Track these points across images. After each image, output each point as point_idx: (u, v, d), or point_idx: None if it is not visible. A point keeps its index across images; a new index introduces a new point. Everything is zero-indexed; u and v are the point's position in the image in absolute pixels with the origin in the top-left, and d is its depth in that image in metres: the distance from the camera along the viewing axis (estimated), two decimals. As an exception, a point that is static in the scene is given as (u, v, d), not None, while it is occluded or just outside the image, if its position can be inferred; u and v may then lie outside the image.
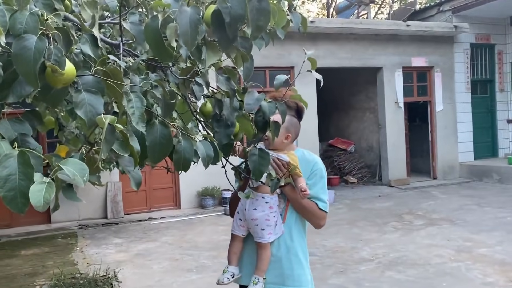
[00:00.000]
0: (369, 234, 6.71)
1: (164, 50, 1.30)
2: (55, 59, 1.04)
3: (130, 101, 1.20)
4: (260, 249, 2.11)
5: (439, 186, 10.71)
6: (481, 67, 12.00)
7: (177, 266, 5.57)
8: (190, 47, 1.22)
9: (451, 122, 11.47)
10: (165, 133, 1.35)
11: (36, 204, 0.91)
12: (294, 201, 2.14)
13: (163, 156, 1.36)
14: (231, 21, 1.21)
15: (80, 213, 8.39)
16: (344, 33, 10.34)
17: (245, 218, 2.14)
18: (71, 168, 0.99)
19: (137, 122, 1.19)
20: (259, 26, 1.27)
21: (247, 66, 1.61)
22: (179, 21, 1.20)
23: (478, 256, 5.44)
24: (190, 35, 1.20)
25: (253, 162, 1.89)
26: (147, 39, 1.30)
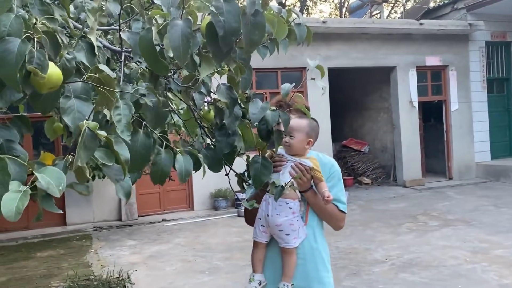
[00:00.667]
0: (383, 235, 6.65)
1: (159, 63, 1.30)
2: (37, 63, 1.02)
3: (117, 108, 1.19)
4: (286, 254, 2.09)
5: (455, 186, 10.56)
6: (497, 65, 11.79)
7: (189, 267, 5.60)
8: (182, 62, 1.22)
9: (466, 122, 11.30)
10: (146, 143, 1.34)
11: (7, 214, 0.88)
12: (315, 205, 2.13)
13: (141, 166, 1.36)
14: (225, 35, 1.21)
15: (94, 215, 8.49)
16: (356, 33, 10.27)
17: (268, 224, 2.10)
18: (48, 176, 0.97)
19: (122, 130, 1.17)
20: (253, 41, 1.27)
21: (245, 77, 1.60)
22: (170, 36, 1.19)
23: (495, 257, 5.35)
24: (182, 49, 1.20)
25: (254, 169, 1.89)
26: (141, 51, 1.30)
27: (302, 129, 2.10)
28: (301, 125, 2.11)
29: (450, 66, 11.14)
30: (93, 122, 1.13)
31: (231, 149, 1.86)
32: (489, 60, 11.63)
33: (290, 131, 2.08)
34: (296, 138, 2.10)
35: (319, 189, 2.07)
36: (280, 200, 2.08)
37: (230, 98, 1.74)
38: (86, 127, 1.10)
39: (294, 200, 2.09)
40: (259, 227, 2.14)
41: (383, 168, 11.94)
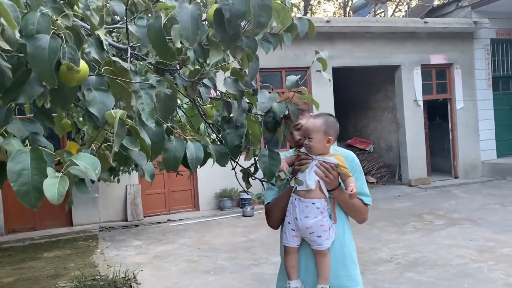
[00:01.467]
0: (389, 234, 6.63)
1: (167, 49, 1.31)
2: (69, 57, 1.06)
3: (140, 97, 1.23)
4: (319, 256, 2.05)
5: (461, 185, 10.51)
6: (503, 63, 11.73)
7: (194, 267, 5.61)
8: (192, 43, 1.23)
9: (472, 120, 11.24)
10: (158, 132, 1.35)
11: (51, 198, 0.92)
12: (343, 202, 2.11)
13: (155, 155, 1.37)
14: (231, 17, 1.22)
15: (101, 216, 8.52)
16: (360, 32, 10.25)
17: (298, 227, 2.06)
18: (83, 162, 1.01)
19: (147, 118, 1.21)
20: (260, 22, 1.27)
21: (253, 66, 1.61)
22: (180, 17, 1.21)
23: (501, 256, 5.31)
24: (192, 30, 1.21)
25: (263, 163, 1.89)
26: (150, 39, 1.32)
27: (319, 129, 2.06)
28: (317, 125, 2.08)
29: (455, 64, 11.10)
30: (122, 111, 1.16)
31: (240, 141, 1.86)
32: (495, 58, 11.57)
33: (308, 133, 2.07)
34: (315, 139, 2.06)
35: (346, 185, 2.05)
36: (306, 201, 2.06)
37: (238, 91, 1.75)
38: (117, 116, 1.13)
39: (320, 200, 2.06)
40: (289, 231, 2.09)
41: (388, 167, 11.90)
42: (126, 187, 8.54)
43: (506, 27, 11.48)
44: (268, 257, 5.85)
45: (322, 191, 2.06)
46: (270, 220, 2.26)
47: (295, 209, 2.08)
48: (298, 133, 2.18)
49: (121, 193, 8.56)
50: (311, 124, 2.09)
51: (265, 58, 9.40)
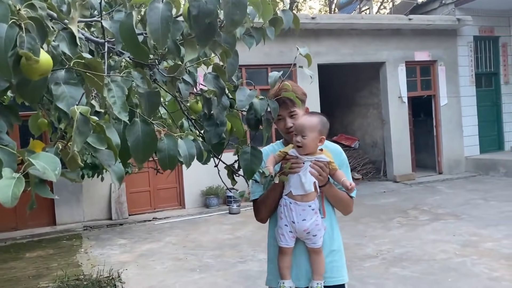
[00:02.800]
0: (374, 230, 6.66)
1: (140, 48, 1.27)
2: (28, 47, 1.01)
3: (110, 91, 1.17)
4: (315, 254, 2.08)
5: (445, 180, 10.62)
6: (485, 60, 11.88)
7: (180, 266, 5.56)
8: (162, 45, 1.19)
9: (456, 116, 11.36)
10: (148, 131, 1.31)
11: (4, 200, 0.88)
12: (331, 196, 2.13)
13: (148, 155, 1.33)
14: (198, 15, 1.19)
15: (85, 214, 8.41)
16: (346, 29, 10.27)
17: (295, 230, 2.07)
18: (42, 162, 0.96)
19: (119, 111, 1.16)
20: (234, 21, 1.24)
21: (231, 62, 1.57)
22: (149, 18, 1.17)
23: (484, 250, 5.38)
24: (161, 32, 1.17)
25: (244, 160, 1.86)
26: (122, 37, 1.27)
27: (315, 128, 2.02)
28: (313, 123, 2.03)
29: (439, 61, 11.20)
30: (85, 107, 1.11)
31: (219, 140, 1.83)
32: (477, 55, 11.71)
33: (302, 131, 2.02)
34: (309, 137, 2.01)
35: (337, 179, 2.07)
36: (303, 205, 2.06)
37: (218, 87, 1.71)
38: (78, 112, 1.08)
39: (314, 200, 2.07)
40: (287, 233, 2.08)
41: (374, 163, 11.97)
42: (111, 185, 8.44)
43: (488, 24, 11.62)
44: (254, 254, 5.83)
45: (316, 191, 2.06)
46: (258, 216, 2.26)
47: (292, 212, 2.06)
48: (291, 120, 2.13)
49: (106, 191, 8.46)
50: (307, 122, 2.04)
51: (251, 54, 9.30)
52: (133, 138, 1.28)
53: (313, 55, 10.96)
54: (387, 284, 4.56)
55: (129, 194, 8.69)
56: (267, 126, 1.87)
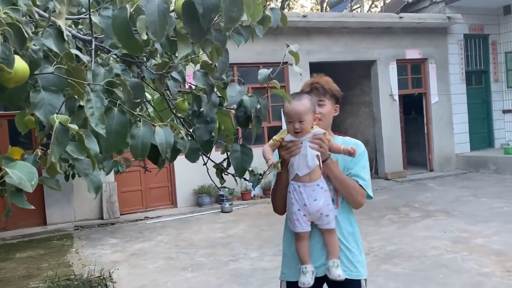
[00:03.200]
0: (366, 227, 6.68)
1: (133, 42, 1.25)
2: (2, 57, 0.99)
3: (89, 101, 1.15)
4: (329, 234, 2.08)
5: (436, 178, 10.69)
6: (475, 58, 11.96)
7: (172, 265, 5.54)
8: (159, 38, 1.17)
9: (446, 114, 11.44)
10: (122, 120, 1.27)
11: None
12: (335, 177, 2.11)
13: (118, 145, 1.30)
14: (204, 12, 1.17)
15: (76, 214, 8.35)
16: (337, 27, 10.29)
17: (308, 212, 2.06)
18: (18, 171, 0.94)
19: (96, 123, 1.13)
20: (232, 18, 1.23)
21: (222, 59, 1.56)
22: (146, 10, 1.15)
23: (475, 246, 5.42)
24: (159, 24, 1.15)
25: (235, 159, 1.85)
26: (114, 31, 1.25)
27: (309, 110, 2.05)
28: (307, 107, 2.05)
29: (429, 59, 11.26)
30: (65, 116, 1.09)
31: (210, 137, 1.82)
32: (468, 53, 11.80)
33: (299, 117, 2.03)
34: (307, 121, 2.04)
35: (337, 149, 2.07)
36: (312, 185, 2.07)
37: (207, 85, 1.70)
38: (57, 121, 1.06)
39: (321, 178, 2.08)
40: (302, 217, 2.08)
41: (366, 161, 12.00)
42: (102, 184, 8.38)
43: (478, 23, 11.70)
44: (246, 252, 5.83)
45: (320, 167, 2.07)
46: (275, 208, 2.28)
47: (302, 195, 2.07)
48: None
49: (97, 191, 8.40)
50: (301, 107, 2.05)
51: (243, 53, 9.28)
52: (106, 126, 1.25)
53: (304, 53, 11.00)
54: (378, 281, 4.58)
55: (121, 194, 8.64)
56: (257, 124, 1.86)
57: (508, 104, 11.98)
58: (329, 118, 2.27)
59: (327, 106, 2.24)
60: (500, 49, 12.02)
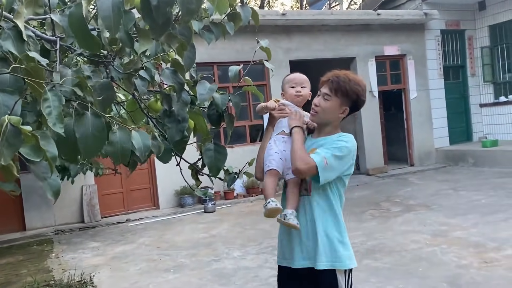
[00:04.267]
0: (347, 223, 6.60)
1: (90, 39, 1.23)
2: None
3: (46, 100, 1.12)
4: (293, 185, 2.19)
5: (416, 172, 10.83)
6: (453, 53, 12.15)
7: (154, 266, 5.49)
8: (114, 33, 1.15)
9: (425, 109, 11.59)
10: (98, 124, 1.25)
11: None
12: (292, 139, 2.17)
13: (97, 149, 1.27)
14: (159, 4, 1.16)
15: (56, 218, 8.22)
16: (316, 25, 10.33)
17: (285, 158, 2.21)
18: None
19: (54, 123, 1.10)
20: (190, 9, 1.22)
21: (188, 55, 1.54)
22: (100, 5, 1.13)
23: (453, 239, 5.50)
24: (113, 19, 1.13)
25: (208, 158, 1.84)
26: (71, 28, 1.22)
27: (308, 82, 2.39)
28: (307, 79, 2.40)
29: (408, 55, 11.39)
30: (16, 117, 1.05)
31: (182, 136, 1.79)
32: (445, 48, 11.97)
33: (302, 82, 2.37)
34: (307, 89, 2.37)
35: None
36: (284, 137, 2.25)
37: (177, 83, 1.67)
38: (7, 122, 1.02)
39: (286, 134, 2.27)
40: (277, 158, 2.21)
41: (347, 157, 12.08)
42: (82, 187, 8.27)
43: (454, 18, 11.88)
44: (229, 252, 5.81)
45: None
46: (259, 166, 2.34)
47: (284, 144, 2.24)
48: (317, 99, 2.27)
49: (77, 194, 8.28)
50: (304, 77, 2.42)
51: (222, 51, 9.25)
52: (81, 131, 1.22)
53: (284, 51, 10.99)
54: (360, 276, 4.60)
55: (101, 196, 8.53)
56: (229, 122, 1.85)
57: (485, 98, 12.21)
58: (329, 115, 2.16)
59: (330, 102, 2.14)
60: (476, 44, 12.22)
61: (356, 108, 2.20)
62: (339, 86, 2.12)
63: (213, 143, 1.86)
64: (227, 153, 1.85)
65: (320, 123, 2.21)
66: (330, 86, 2.15)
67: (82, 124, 1.22)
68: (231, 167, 1.96)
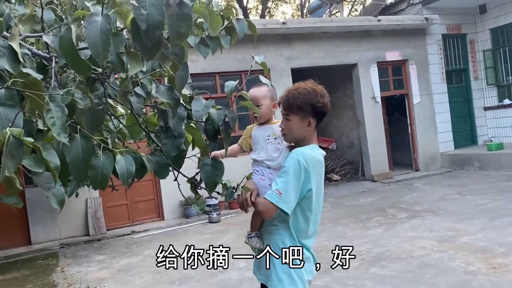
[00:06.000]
0: (353, 231, 6.69)
1: (80, 62, 1.23)
2: None
3: (49, 111, 1.13)
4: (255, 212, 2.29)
5: (422, 177, 10.77)
6: (455, 57, 12.12)
7: (159, 279, 5.47)
8: (102, 60, 1.15)
9: (429, 113, 11.55)
10: (88, 146, 1.26)
11: None
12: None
13: (86, 171, 1.27)
14: (147, 28, 1.15)
15: (61, 232, 8.22)
16: (316, 32, 10.35)
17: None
18: None
19: (59, 133, 1.11)
20: (180, 33, 1.21)
21: (181, 74, 1.54)
22: (87, 32, 1.13)
23: (461, 245, 5.44)
24: (101, 46, 1.13)
25: (205, 172, 1.83)
26: (62, 51, 1.23)
27: (265, 96, 2.24)
28: (264, 92, 2.24)
29: (409, 60, 11.38)
30: (18, 129, 1.06)
31: (178, 152, 1.79)
32: (447, 52, 11.95)
33: (257, 101, 2.22)
34: (264, 105, 2.23)
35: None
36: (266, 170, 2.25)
37: (172, 99, 1.67)
38: (9, 134, 1.03)
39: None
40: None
41: (351, 164, 12.06)
42: (86, 200, 8.28)
43: (455, 22, 11.87)
44: (234, 262, 5.77)
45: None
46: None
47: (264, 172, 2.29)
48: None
49: (81, 207, 8.29)
50: (258, 92, 2.23)
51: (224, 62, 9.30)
52: (72, 154, 1.23)
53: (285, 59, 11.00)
54: (366, 284, 4.57)
55: (106, 209, 8.54)
56: (226, 137, 1.84)
57: (488, 101, 12.15)
58: (296, 133, 2.15)
59: (291, 121, 2.13)
60: (478, 47, 12.20)
61: (322, 113, 2.16)
62: (290, 104, 2.11)
63: (210, 157, 1.85)
64: (224, 168, 1.84)
65: (294, 141, 2.23)
66: (284, 106, 2.15)
67: (72, 147, 1.22)
68: (229, 181, 1.95)
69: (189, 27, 1.22)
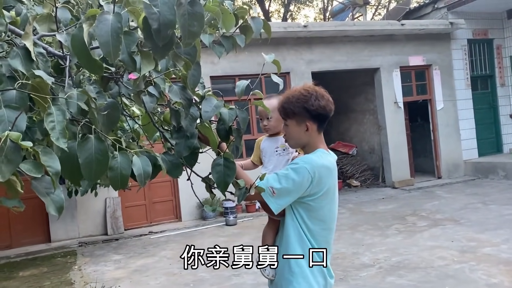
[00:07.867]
0: (371, 238, 6.56)
1: (92, 62, 1.21)
2: None
3: (50, 115, 1.10)
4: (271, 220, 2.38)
5: (444, 185, 10.53)
6: (480, 63, 11.84)
7: (174, 281, 5.46)
8: (113, 59, 1.13)
9: (452, 120, 11.30)
10: (101, 148, 1.24)
11: None
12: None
13: (101, 173, 1.25)
14: (159, 28, 1.12)
15: (80, 230, 8.32)
16: (338, 36, 10.25)
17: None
18: None
19: (58, 137, 1.08)
20: (192, 32, 1.18)
21: (193, 73, 1.51)
22: (98, 31, 1.10)
23: (483, 256, 5.28)
24: (112, 45, 1.11)
25: (217, 172, 1.80)
26: (73, 51, 1.21)
27: (275, 108, 2.19)
28: (274, 105, 2.22)
29: (433, 65, 11.16)
30: (16, 133, 1.04)
31: (190, 152, 1.76)
32: (472, 58, 11.68)
33: (266, 114, 2.26)
34: (274, 118, 2.26)
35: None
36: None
37: (185, 99, 1.64)
38: (7, 137, 1.01)
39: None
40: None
41: (372, 169, 11.89)
42: (106, 200, 8.36)
43: (482, 27, 11.60)
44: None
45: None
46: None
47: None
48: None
49: (100, 206, 8.38)
50: (268, 105, 2.13)
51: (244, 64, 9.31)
52: (85, 155, 1.21)
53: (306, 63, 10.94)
54: (384, 293, 4.47)
55: (125, 209, 8.60)
56: (237, 137, 1.81)
57: (515, 109, 11.83)
58: (297, 138, 2.10)
59: (289, 127, 2.10)
60: (505, 53, 11.89)
61: (321, 116, 2.07)
62: (284, 110, 2.08)
63: (222, 157, 1.82)
64: (235, 167, 1.81)
65: (297, 147, 2.21)
66: (280, 112, 2.13)
67: (85, 148, 1.20)
68: (242, 181, 1.92)
69: (201, 26, 1.18)
